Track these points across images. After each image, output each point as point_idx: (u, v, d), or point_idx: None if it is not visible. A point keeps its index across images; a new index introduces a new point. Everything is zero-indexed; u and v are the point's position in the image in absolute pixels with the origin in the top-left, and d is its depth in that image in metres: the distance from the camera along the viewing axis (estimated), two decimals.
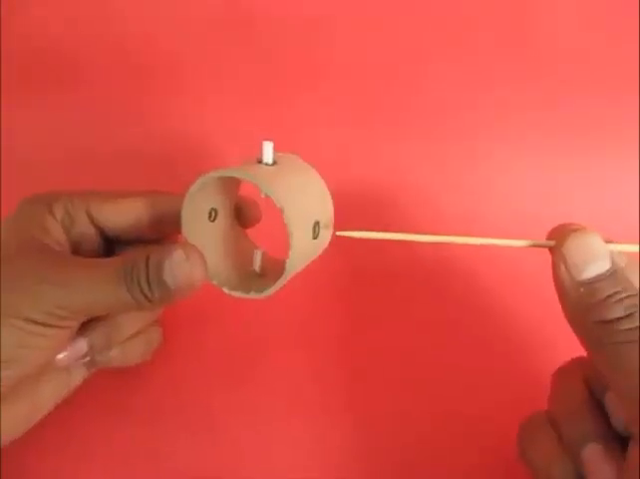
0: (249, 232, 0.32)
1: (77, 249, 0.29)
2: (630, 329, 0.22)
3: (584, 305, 0.23)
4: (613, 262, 0.23)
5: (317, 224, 0.26)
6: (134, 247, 0.30)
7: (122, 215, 0.29)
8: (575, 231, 0.24)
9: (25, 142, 0.46)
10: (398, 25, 0.45)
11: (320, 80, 0.45)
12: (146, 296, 0.25)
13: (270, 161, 0.26)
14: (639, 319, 0.22)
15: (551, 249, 0.25)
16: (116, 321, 0.29)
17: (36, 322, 0.24)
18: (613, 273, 0.23)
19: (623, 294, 0.23)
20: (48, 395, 0.29)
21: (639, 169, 0.44)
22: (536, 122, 0.45)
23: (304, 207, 0.26)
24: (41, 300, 0.24)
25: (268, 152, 0.26)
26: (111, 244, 0.31)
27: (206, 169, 0.26)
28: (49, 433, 0.31)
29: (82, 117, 0.46)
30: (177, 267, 0.25)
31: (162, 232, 0.30)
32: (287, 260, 0.25)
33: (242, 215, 0.31)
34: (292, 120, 0.45)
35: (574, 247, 0.24)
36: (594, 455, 0.25)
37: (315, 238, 0.26)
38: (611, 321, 0.23)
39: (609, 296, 0.23)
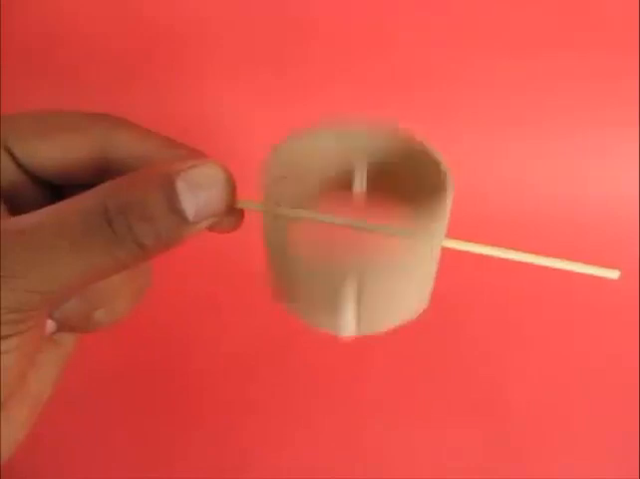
0: None
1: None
2: None
3: None
4: None
5: None
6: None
7: (58, 153, 0.20)
8: None
9: None
10: (401, 28, 0.44)
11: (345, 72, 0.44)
12: (141, 245, 0.17)
13: None
14: None
15: None
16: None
17: None
18: None
19: None
20: (46, 377, 0.21)
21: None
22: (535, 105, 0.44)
23: None
24: None
25: None
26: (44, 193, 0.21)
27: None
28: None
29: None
30: (202, 189, 0.17)
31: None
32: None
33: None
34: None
35: None
36: None
37: None
38: None
39: None
